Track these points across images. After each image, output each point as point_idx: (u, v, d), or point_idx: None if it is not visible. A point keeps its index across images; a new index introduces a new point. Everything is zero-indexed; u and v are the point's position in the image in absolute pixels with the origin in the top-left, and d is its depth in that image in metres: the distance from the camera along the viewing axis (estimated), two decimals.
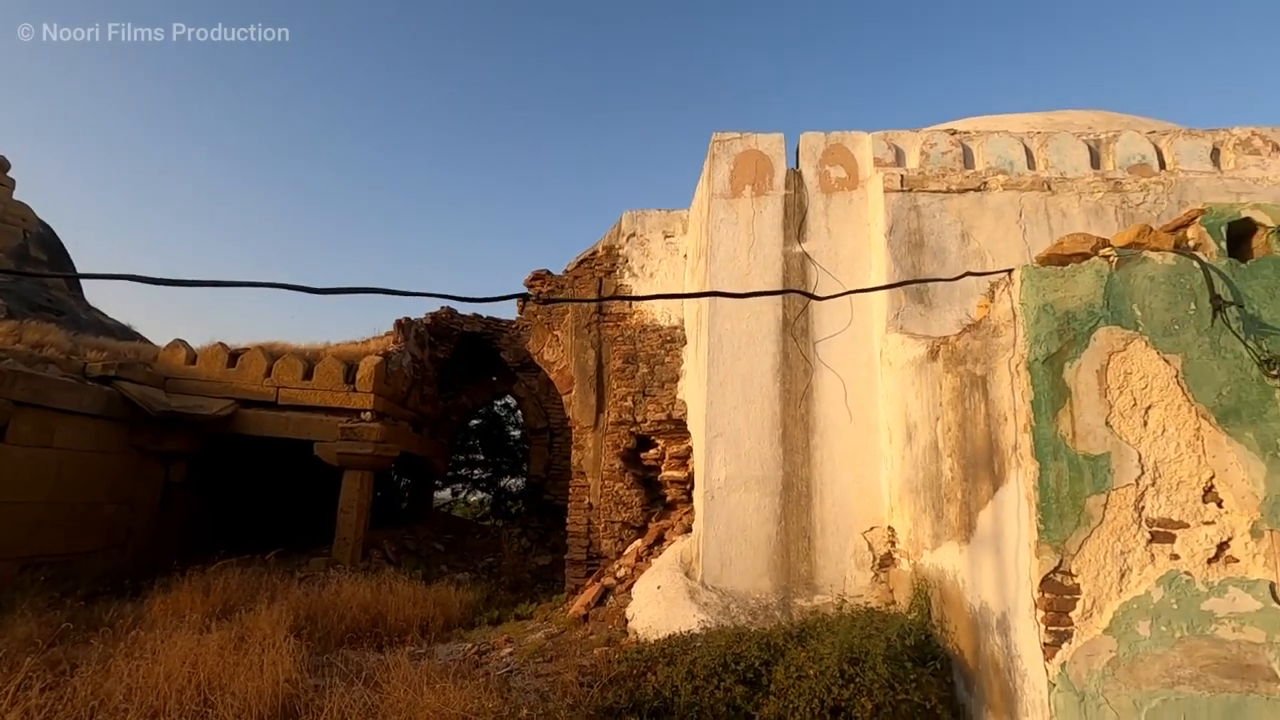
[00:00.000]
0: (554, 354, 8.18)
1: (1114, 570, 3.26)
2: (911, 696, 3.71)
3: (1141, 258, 3.51)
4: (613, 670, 4.58)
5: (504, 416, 16.90)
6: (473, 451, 17.29)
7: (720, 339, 6.10)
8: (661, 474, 7.46)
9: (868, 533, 5.69)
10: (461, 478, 17.26)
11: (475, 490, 17.53)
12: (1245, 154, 6.04)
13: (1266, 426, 3.29)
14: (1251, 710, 3.09)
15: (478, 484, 17.35)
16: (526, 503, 13.75)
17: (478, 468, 17.17)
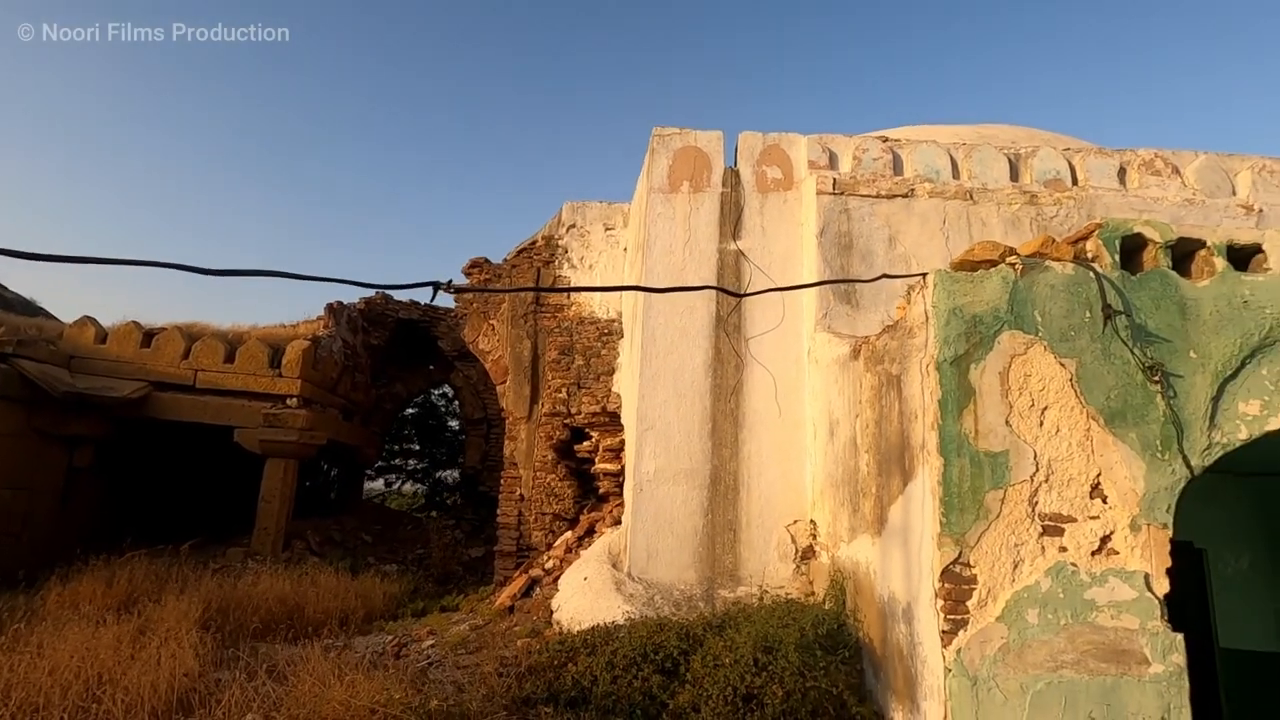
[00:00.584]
0: (489, 343, 8.08)
1: (1008, 561, 3.44)
2: (820, 683, 3.83)
3: (1044, 266, 3.71)
4: (533, 661, 4.57)
5: (441, 407, 16.59)
6: (408, 442, 16.92)
7: (654, 333, 6.14)
8: (595, 466, 7.46)
9: (791, 526, 5.84)
10: (396, 468, 16.87)
11: (410, 481, 17.17)
12: (1148, 174, 6.45)
13: (1148, 428, 3.53)
14: (1124, 691, 3.32)
15: (413, 475, 16.99)
16: (462, 495, 13.55)
17: (413, 458, 16.81)
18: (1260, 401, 3.58)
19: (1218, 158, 6.54)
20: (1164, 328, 3.63)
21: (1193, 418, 3.54)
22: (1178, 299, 3.67)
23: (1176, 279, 3.71)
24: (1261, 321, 3.62)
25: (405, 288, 2.52)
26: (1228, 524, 5.70)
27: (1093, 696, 3.31)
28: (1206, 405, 3.56)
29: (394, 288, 2.49)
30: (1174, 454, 3.50)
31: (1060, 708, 3.30)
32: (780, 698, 3.73)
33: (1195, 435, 3.53)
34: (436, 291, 2.40)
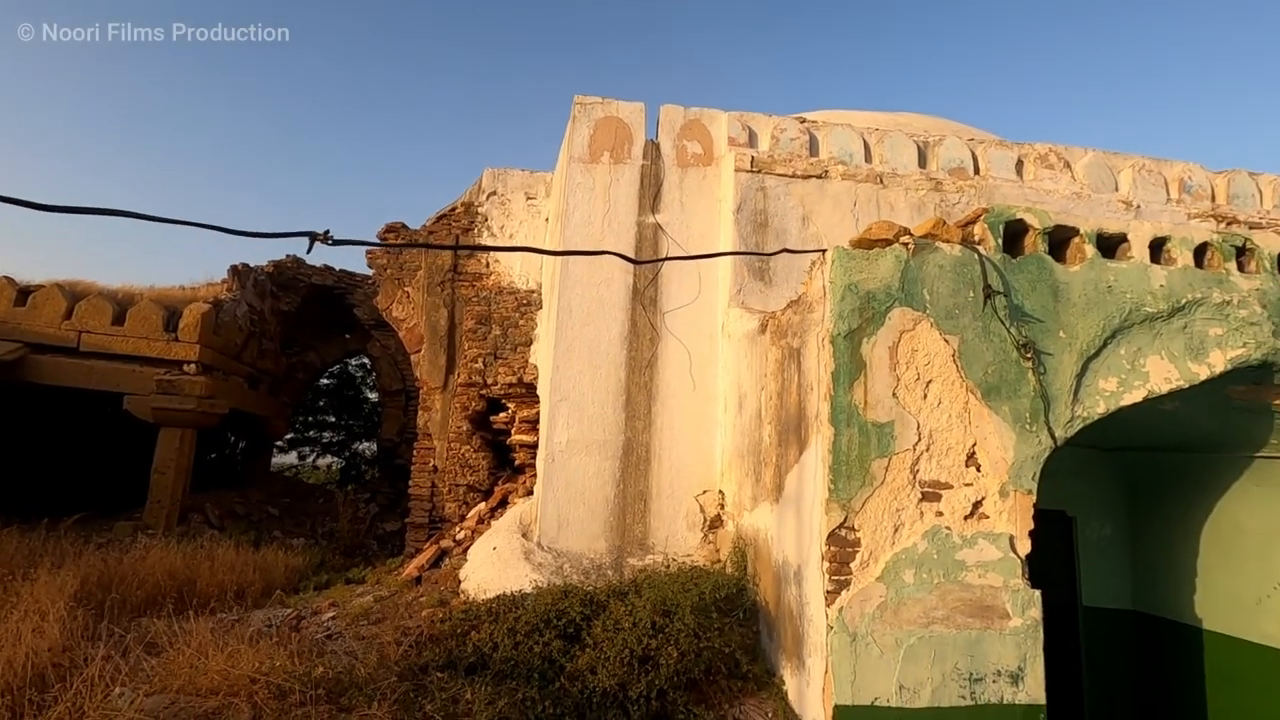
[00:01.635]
0: (404, 311, 7.84)
1: (890, 525, 3.64)
2: (714, 643, 3.97)
3: (934, 247, 3.89)
4: (436, 630, 4.54)
5: (359, 377, 16.04)
6: (323, 413, 16.31)
7: (569, 304, 6.10)
8: (511, 438, 7.40)
9: (700, 496, 5.98)
10: (310, 441, 16.25)
11: (326, 455, 16.58)
12: (1043, 168, 6.84)
13: (1019, 402, 3.78)
14: (987, 643, 3.59)
15: (328, 448, 16.41)
16: (379, 468, 13.19)
17: (328, 431, 16.23)
18: (1118, 379, 3.89)
19: (1104, 155, 7.00)
20: (1038, 308, 3.88)
21: (1059, 393, 3.82)
22: (1052, 282, 3.93)
23: (1052, 263, 3.97)
24: (1123, 305, 3.93)
25: (278, 236, 2.38)
26: (1095, 495, 6.20)
27: (959, 649, 3.56)
28: (1071, 381, 3.84)
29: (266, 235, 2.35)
30: (1041, 426, 3.77)
31: (930, 660, 3.54)
32: (675, 658, 3.84)
33: (1060, 409, 3.81)
34: (313, 243, 2.29)
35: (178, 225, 2.16)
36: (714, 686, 3.98)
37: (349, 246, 2.35)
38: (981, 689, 3.54)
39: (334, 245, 2.31)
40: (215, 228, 2.17)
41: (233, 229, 2.21)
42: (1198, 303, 3.98)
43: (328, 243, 2.32)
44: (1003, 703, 3.55)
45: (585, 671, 3.78)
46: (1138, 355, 3.92)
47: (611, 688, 3.63)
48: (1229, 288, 4.02)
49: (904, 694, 3.49)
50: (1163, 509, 5.89)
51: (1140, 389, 3.89)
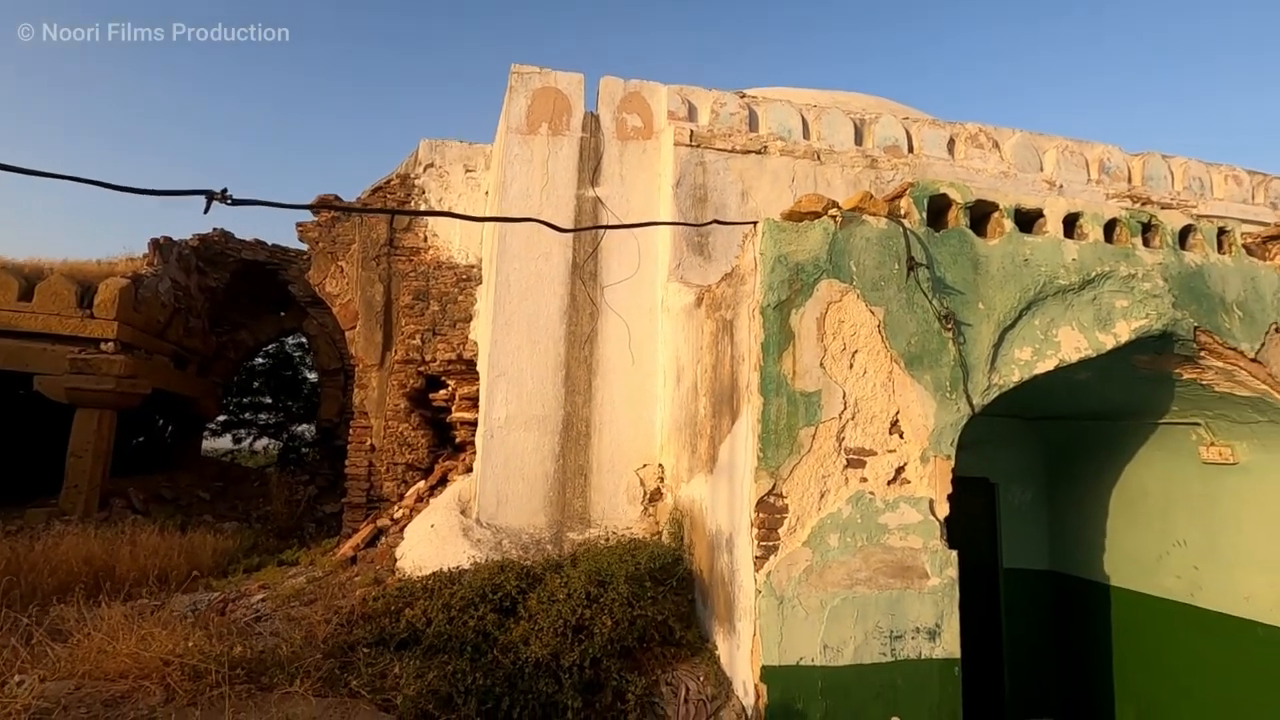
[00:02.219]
0: (338, 286, 7.59)
1: (816, 492, 3.73)
2: (647, 612, 4.03)
3: (861, 220, 3.96)
4: (369, 608, 4.47)
5: (296, 357, 15.52)
6: (259, 395, 15.75)
7: (508, 279, 6.01)
8: (452, 415, 7.29)
9: (641, 470, 6.02)
10: (246, 423, 15.69)
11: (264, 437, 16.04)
12: (973, 147, 7.03)
13: (940, 371, 3.91)
14: (907, 602, 3.74)
15: (266, 430, 15.88)
16: (319, 449, 12.84)
17: (265, 412, 15.69)
18: (1032, 349, 4.06)
19: (1030, 136, 7.24)
20: (959, 281, 4.00)
21: (977, 362, 3.96)
22: (972, 255, 4.06)
23: (972, 237, 4.09)
24: (1038, 278, 4.09)
25: (171, 194, 2.24)
26: (1016, 462, 6.50)
27: (881, 608, 3.70)
28: (989, 351, 3.99)
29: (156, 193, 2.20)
30: (960, 394, 3.91)
31: (853, 620, 3.67)
32: (609, 627, 3.88)
33: (978, 378, 3.95)
34: (210, 203, 2.17)
35: (58, 180, 2.00)
36: (648, 654, 4.04)
37: (256, 207, 2.23)
38: (901, 646, 3.70)
39: (233, 205, 2.18)
40: (98, 183, 2.02)
41: (118, 185, 2.05)
42: (1106, 276, 4.17)
43: (226, 202, 2.19)
44: (921, 658, 3.71)
45: (519, 643, 3.79)
46: (1050, 326, 4.10)
47: (544, 658, 3.65)
48: (1135, 262, 4.23)
49: (828, 653, 3.61)
50: (1077, 475, 6.22)
51: (1052, 358, 4.06)
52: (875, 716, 3.61)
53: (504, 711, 3.26)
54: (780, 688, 3.54)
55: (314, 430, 13.83)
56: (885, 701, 3.64)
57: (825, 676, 3.59)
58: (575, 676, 3.61)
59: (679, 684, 3.85)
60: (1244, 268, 4.42)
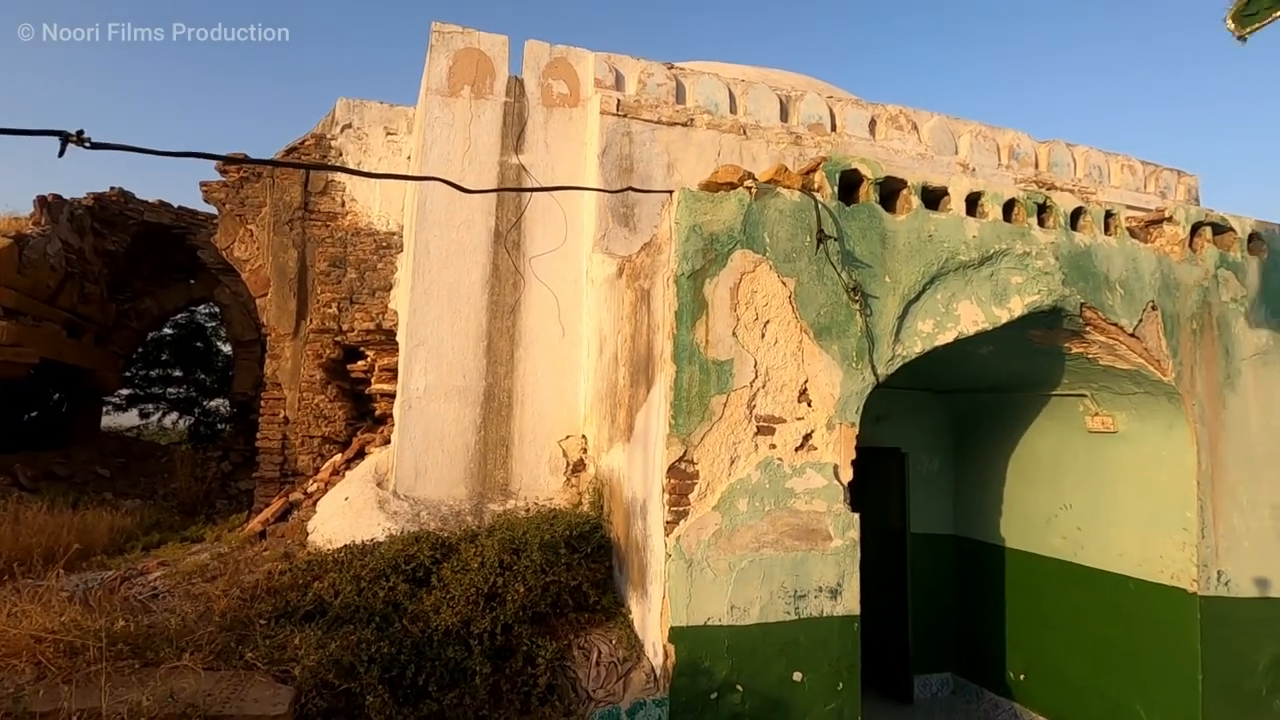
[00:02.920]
0: (247, 251, 7.21)
1: (726, 458, 3.82)
2: (560, 577, 4.05)
3: (775, 192, 4.02)
4: (276, 582, 4.33)
5: (210, 328, 14.69)
6: (169, 367, 14.86)
7: (427, 245, 5.84)
8: (371, 387, 7.08)
9: (564, 441, 6.01)
10: (154, 397, 14.80)
11: (174, 412, 15.17)
12: (893, 128, 7.23)
13: (848, 342, 4.04)
14: (811, 563, 3.89)
15: (176, 405, 15.02)
16: (233, 425, 12.26)
17: (175, 386, 14.83)
18: (934, 321, 4.24)
19: (947, 120, 7.49)
20: (867, 254, 4.13)
21: (882, 333, 4.11)
22: (881, 230, 4.19)
23: (881, 212, 4.22)
24: (941, 253, 4.26)
25: (17, 133, 2.02)
26: (925, 433, 6.82)
27: (786, 569, 3.84)
28: (894, 323, 4.14)
29: None
30: (865, 364, 4.06)
31: (760, 581, 3.79)
32: (522, 594, 3.89)
33: (883, 348, 4.11)
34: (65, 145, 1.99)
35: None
36: (562, 619, 4.08)
37: (122, 152, 2.05)
38: (805, 604, 3.85)
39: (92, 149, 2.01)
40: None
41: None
42: (1003, 253, 4.38)
43: (84, 145, 2.02)
44: (823, 615, 3.88)
45: (429, 612, 3.75)
46: (951, 300, 4.29)
47: (454, 625, 3.63)
48: (1030, 240, 4.46)
49: (735, 613, 3.73)
50: (980, 444, 6.57)
51: (952, 330, 4.26)
52: (778, 672, 3.76)
53: (409, 679, 3.23)
54: (688, 647, 3.64)
55: (228, 405, 13.19)
56: (788, 657, 3.79)
57: (732, 635, 3.71)
58: (486, 643, 3.60)
59: (591, 647, 3.90)
60: (1127, 249, 4.72)
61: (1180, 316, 4.81)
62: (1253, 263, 5.12)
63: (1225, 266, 5.01)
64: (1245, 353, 5.01)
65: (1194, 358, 4.83)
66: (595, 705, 3.58)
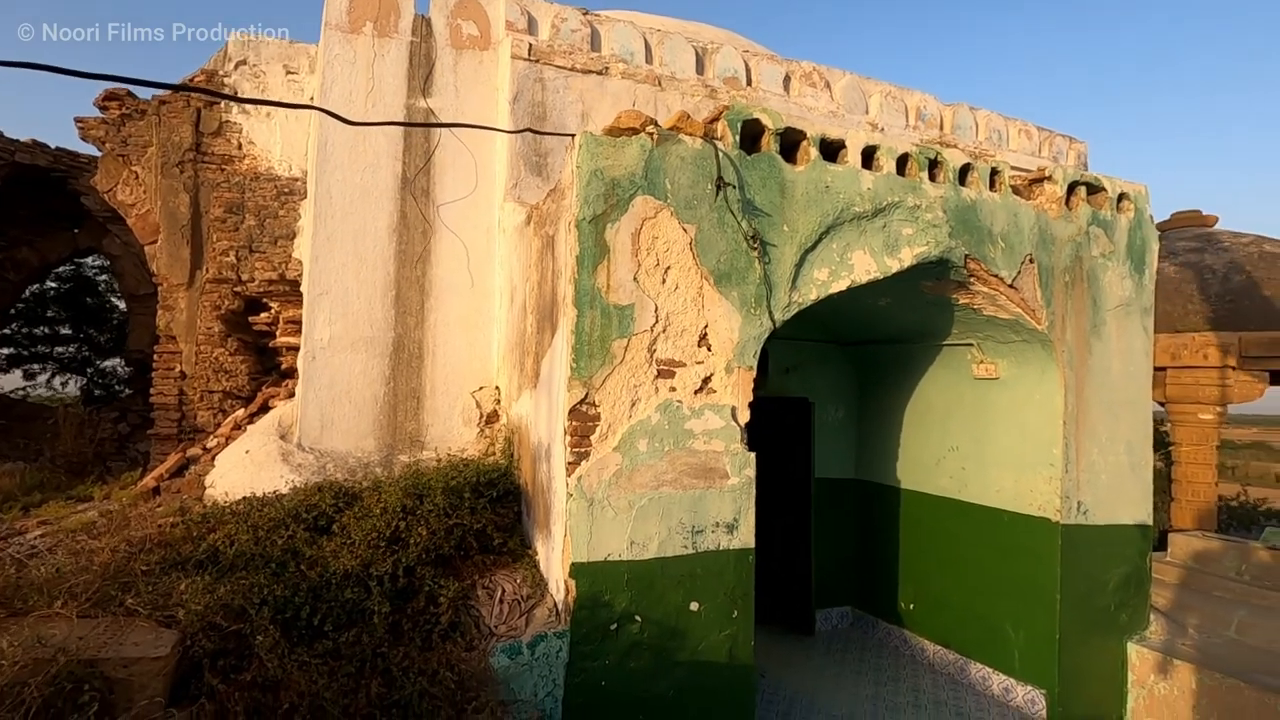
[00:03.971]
0: (132, 195, 6.72)
1: (627, 400, 3.91)
2: (464, 520, 4.09)
3: (677, 139, 4.05)
4: (169, 535, 4.19)
5: (102, 281, 13.68)
6: (57, 324, 13.79)
7: (329, 190, 5.62)
8: (276, 340, 6.81)
9: (477, 392, 5.99)
10: (40, 356, 13.74)
11: (65, 372, 14.15)
12: (807, 85, 7.35)
13: (746, 288, 4.17)
14: (708, 500, 4.06)
15: (67, 365, 14.00)
16: (131, 384, 11.57)
17: (64, 344, 13.80)
18: (829, 269, 4.41)
19: (858, 79, 7.67)
20: (767, 203, 4.24)
21: (780, 280, 4.25)
22: (780, 180, 4.30)
23: (781, 162, 4.32)
24: (837, 204, 4.41)
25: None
26: (831, 383, 7.13)
27: (684, 506, 4.00)
28: (791, 271, 4.29)
29: None
30: (763, 310, 4.20)
31: (659, 517, 3.94)
32: (425, 537, 3.91)
33: (780, 295, 4.26)
34: None
35: None
36: (467, 562, 4.13)
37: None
38: (702, 539, 4.03)
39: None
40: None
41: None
42: (896, 205, 4.58)
43: None
44: (719, 549, 4.07)
45: (328, 557, 3.73)
46: (846, 249, 4.47)
47: (354, 568, 3.63)
48: (920, 194, 4.67)
49: (634, 548, 3.87)
50: (880, 393, 6.94)
51: (846, 279, 4.45)
52: (676, 602, 3.95)
53: (304, 619, 3.22)
54: (588, 581, 3.76)
55: (124, 364, 12.41)
56: (686, 589, 3.98)
57: (631, 569, 3.86)
58: (387, 585, 3.62)
59: (496, 586, 3.98)
60: (1009, 204, 5.02)
61: (1055, 269, 5.17)
62: (1121, 220, 5.54)
63: (1096, 224, 5.40)
64: (1111, 304, 5.45)
65: (1066, 308, 5.23)
66: (497, 640, 3.67)
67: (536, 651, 3.67)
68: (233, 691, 2.78)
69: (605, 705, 3.75)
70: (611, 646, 3.79)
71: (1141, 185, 5.66)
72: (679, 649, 3.92)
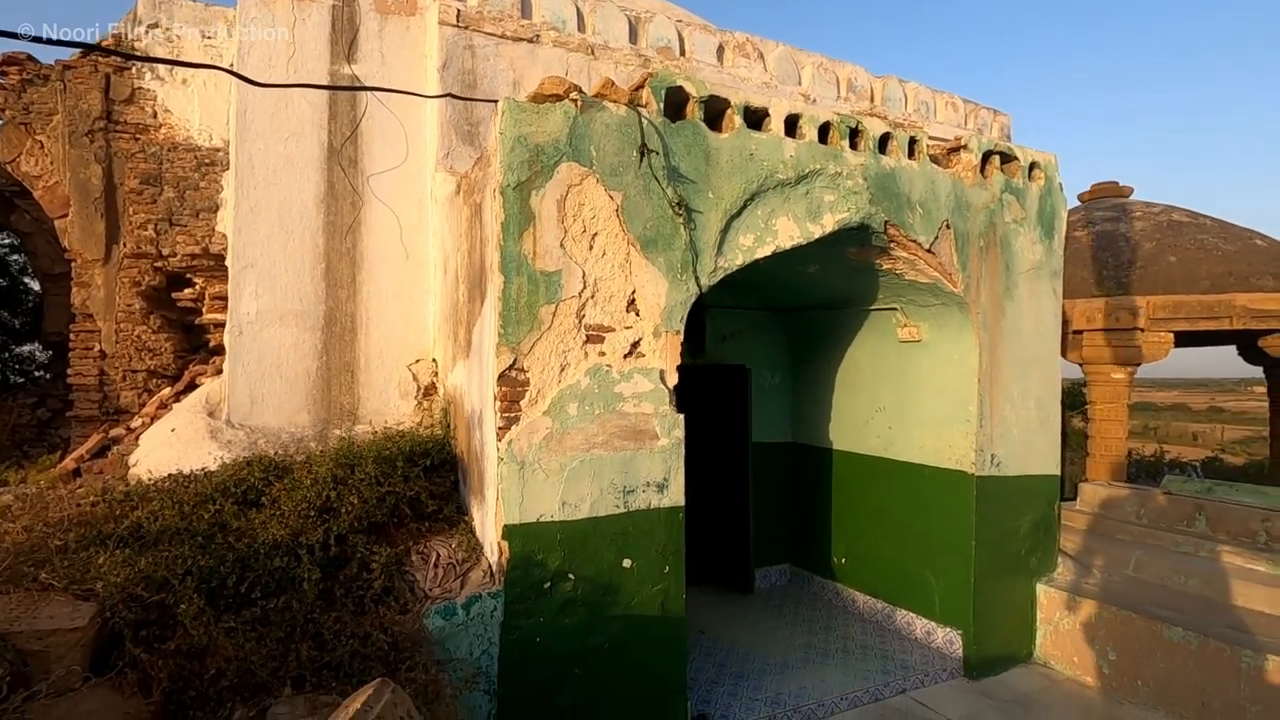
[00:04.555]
0: (39, 165, 6.37)
1: (556, 365, 3.97)
2: (397, 488, 4.12)
3: (601, 106, 4.08)
4: (87, 514, 4.08)
5: (16, 262, 12.91)
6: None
7: (251, 159, 5.45)
8: (203, 317, 6.60)
9: (413, 365, 5.96)
10: None
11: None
12: (740, 56, 7.42)
13: (673, 254, 4.26)
14: (639, 460, 4.17)
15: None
16: (50, 368, 11.01)
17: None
18: (754, 235, 4.54)
19: (791, 50, 7.78)
20: (692, 170, 4.32)
21: (706, 246, 4.35)
22: (705, 147, 4.38)
23: (705, 130, 4.40)
24: (761, 171, 4.52)
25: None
26: (767, 350, 7.34)
27: (615, 467, 4.10)
28: (717, 237, 4.40)
29: None
30: (690, 275, 4.30)
31: (590, 479, 4.04)
32: (356, 505, 3.92)
33: (706, 261, 4.36)
34: None
35: None
36: (402, 529, 4.17)
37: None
38: (633, 498, 4.15)
39: None
40: None
41: None
42: (818, 173, 4.72)
43: None
44: (650, 508, 4.21)
45: (256, 528, 3.71)
46: (770, 216, 4.59)
47: (284, 538, 3.62)
48: (842, 162, 4.82)
49: (566, 509, 3.97)
50: (813, 358, 7.17)
51: (771, 244, 4.58)
52: (609, 559, 4.07)
53: (231, 588, 3.22)
54: (521, 542, 3.85)
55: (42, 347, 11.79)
56: (618, 546, 4.10)
57: (564, 529, 3.95)
58: (318, 553, 3.63)
59: (430, 552, 4.03)
60: (927, 172, 5.22)
61: (970, 234, 5.42)
62: (1032, 188, 5.82)
63: (1009, 191, 5.67)
64: (1023, 268, 5.75)
65: (980, 272, 5.49)
66: (432, 603, 3.73)
67: (471, 612, 3.75)
68: (156, 660, 2.78)
69: (541, 660, 3.86)
70: (546, 604, 3.90)
71: (1051, 154, 5.95)
72: (613, 604, 4.06)
